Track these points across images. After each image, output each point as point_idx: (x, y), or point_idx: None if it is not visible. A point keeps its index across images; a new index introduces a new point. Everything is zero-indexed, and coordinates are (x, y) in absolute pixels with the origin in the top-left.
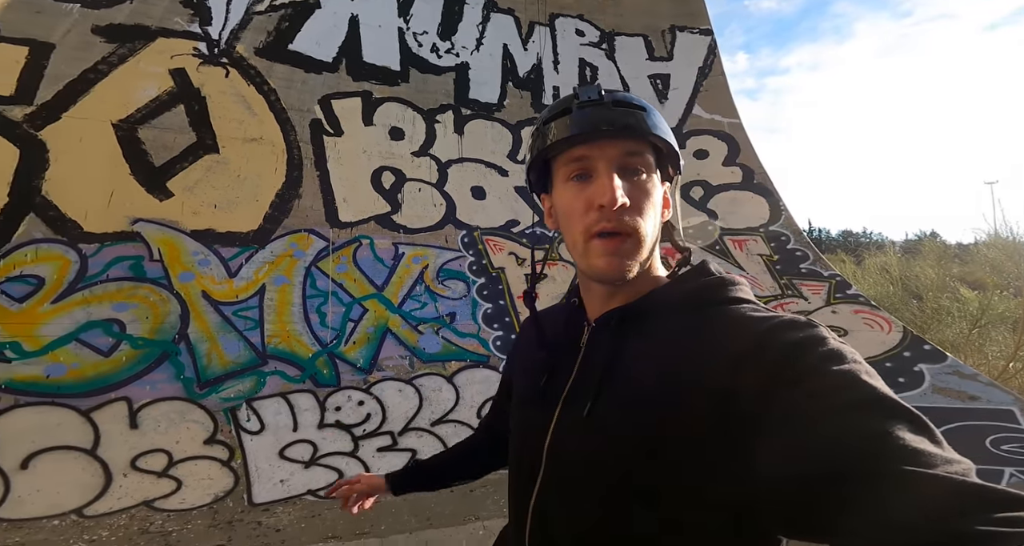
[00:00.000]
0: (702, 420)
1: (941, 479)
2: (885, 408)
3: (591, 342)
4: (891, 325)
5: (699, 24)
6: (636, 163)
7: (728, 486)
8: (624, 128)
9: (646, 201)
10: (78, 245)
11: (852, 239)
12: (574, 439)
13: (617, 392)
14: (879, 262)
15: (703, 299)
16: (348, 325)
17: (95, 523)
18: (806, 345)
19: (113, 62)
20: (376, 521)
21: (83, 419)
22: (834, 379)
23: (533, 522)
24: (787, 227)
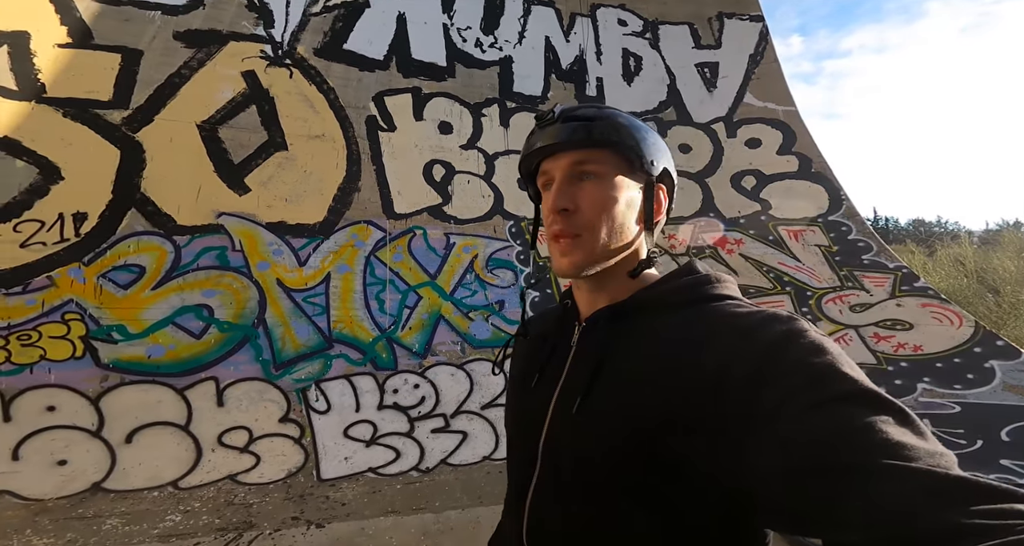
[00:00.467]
0: (689, 416)
1: (924, 472)
2: (869, 400)
3: (581, 341)
4: (962, 319)
5: (748, 10)
6: (590, 169)
7: (716, 482)
8: (567, 140)
9: (596, 203)
10: (172, 237)
11: (924, 229)
12: (565, 437)
13: (605, 390)
14: (952, 253)
15: (688, 297)
16: (404, 311)
17: (188, 495)
18: (786, 340)
19: (193, 66)
20: (431, 497)
21: (178, 397)
22: (814, 373)
23: (530, 519)
24: (848, 217)
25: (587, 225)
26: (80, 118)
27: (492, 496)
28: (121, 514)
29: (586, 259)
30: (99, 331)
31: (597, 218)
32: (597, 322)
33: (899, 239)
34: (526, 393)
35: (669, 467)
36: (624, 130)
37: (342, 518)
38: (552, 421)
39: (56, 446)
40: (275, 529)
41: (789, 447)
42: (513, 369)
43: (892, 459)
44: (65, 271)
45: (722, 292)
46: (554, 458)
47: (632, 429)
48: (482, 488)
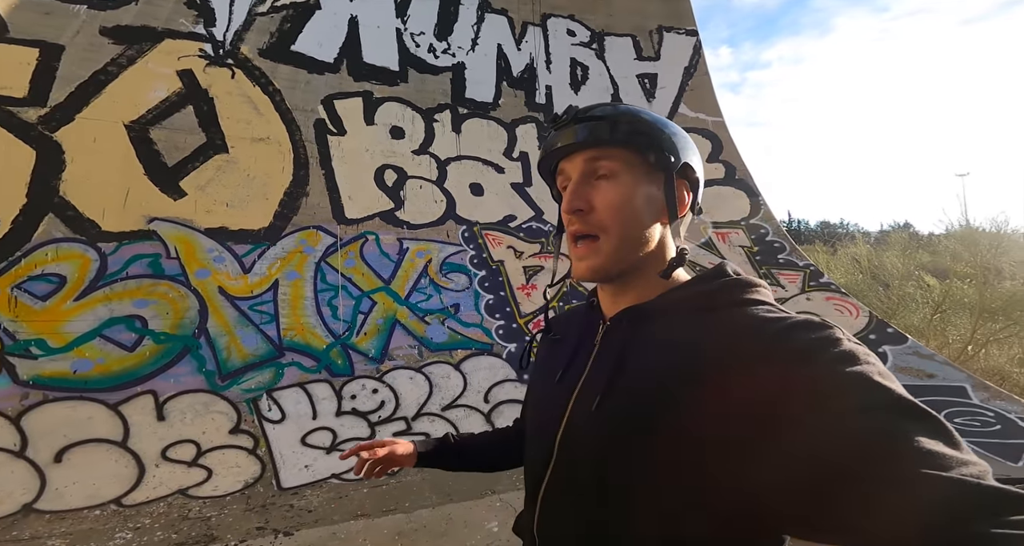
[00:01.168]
0: (711, 419)
1: (956, 481)
2: (901, 409)
3: (605, 340)
4: (859, 310)
5: (685, 24)
6: (604, 168)
7: (735, 486)
8: (581, 140)
9: (612, 203)
10: (97, 244)
11: (829, 230)
12: (582, 433)
13: (626, 389)
14: (850, 253)
15: (718, 300)
16: (359, 317)
17: (136, 512)
18: (820, 345)
19: (122, 63)
20: (401, 498)
21: (112, 413)
22: (848, 380)
23: (541, 511)
24: (766, 220)
25: (602, 225)
26: None
27: (461, 492)
28: (62, 534)
29: (603, 263)
30: (15, 346)
31: (612, 218)
32: (621, 322)
33: (809, 239)
34: (547, 391)
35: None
36: (638, 126)
37: (310, 525)
38: (570, 419)
39: None
40: (240, 540)
41: (818, 454)
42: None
43: (924, 468)
44: None
45: (754, 297)
46: (569, 455)
47: (648, 430)
48: (451, 486)
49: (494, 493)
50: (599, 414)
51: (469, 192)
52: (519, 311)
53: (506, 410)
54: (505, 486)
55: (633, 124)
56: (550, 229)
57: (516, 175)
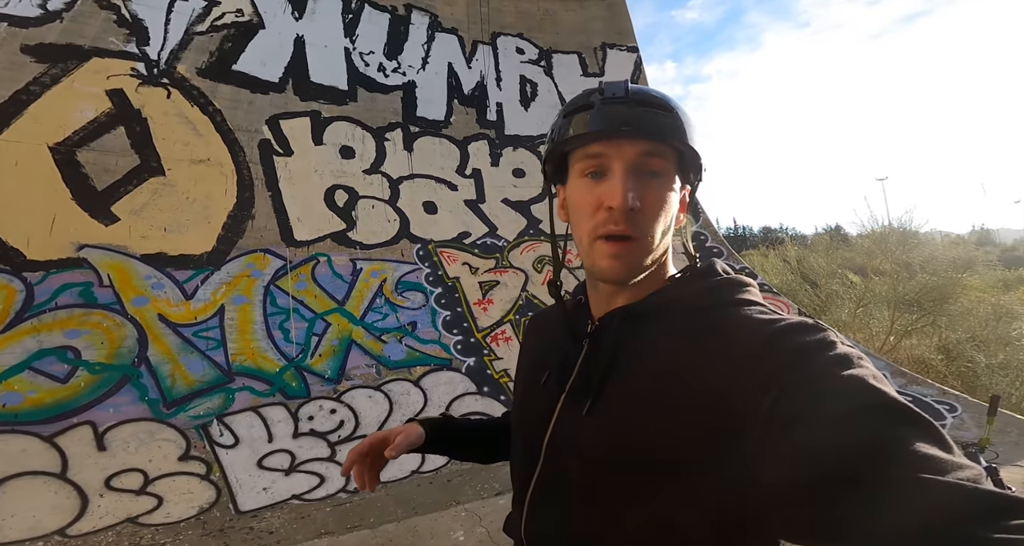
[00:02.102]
0: (704, 423)
1: (952, 485)
2: (895, 413)
3: (594, 340)
4: (788, 308)
5: (626, 41)
6: (653, 165)
7: (726, 490)
8: (645, 130)
9: (658, 205)
10: (22, 273)
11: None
12: (572, 436)
13: (618, 392)
14: (780, 254)
15: (710, 300)
16: (312, 339)
17: (82, 542)
18: (814, 349)
19: (46, 83)
20: (364, 514)
21: (47, 445)
22: (842, 383)
23: (529, 514)
24: (705, 227)
25: (645, 228)
26: None
27: (425, 505)
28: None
29: (641, 266)
30: None
31: (655, 222)
32: (611, 323)
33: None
34: (533, 391)
35: (677, 473)
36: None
37: (272, 545)
38: (558, 421)
39: None
40: None
41: (811, 457)
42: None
43: (920, 472)
44: None
45: (746, 297)
46: (557, 458)
47: (643, 433)
48: (415, 499)
49: (458, 504)
50: (591, 418)
51: (423, 210)
52: (476, 326)
53: None
54: (468, 496)
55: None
56: (504, 244)
57: (469, 192)
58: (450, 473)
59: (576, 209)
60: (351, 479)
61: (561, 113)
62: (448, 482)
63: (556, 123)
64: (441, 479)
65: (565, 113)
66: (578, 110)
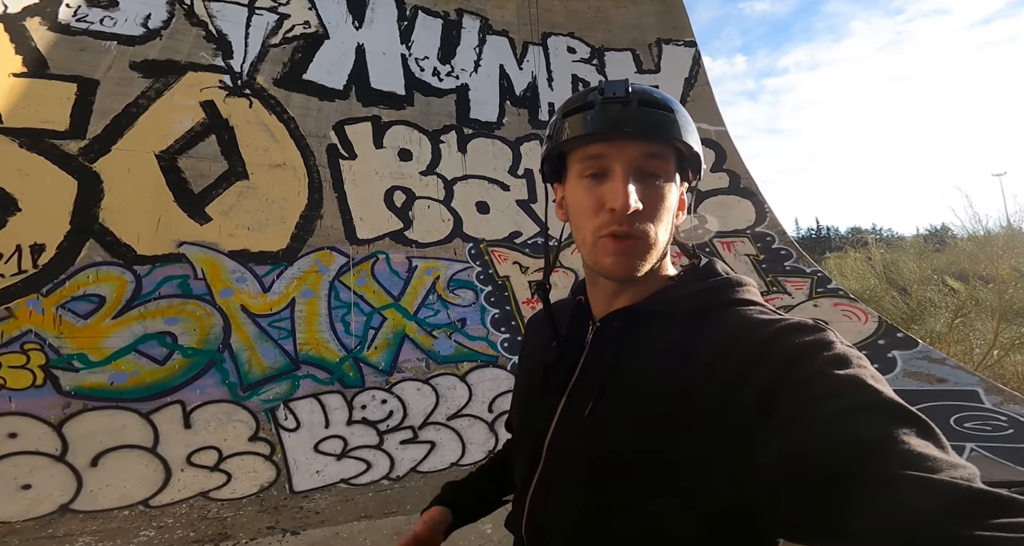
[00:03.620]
0: (704, 423)
1: (945, 484)
2: (891, 412)
3: (595, 341)
4: (867, 315)
5: (683, 36)
6: (654, 166)
7: (727, 489)
8: (646, 131)
9: (660, 206)
10: (132, 267)
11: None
12: (574, 437)
13: (619, 393)
14: (863, 257)
15: (709, 300)
16: (369, 332)
17: (160, 512)
18: (812, 348)
19: (151, 96)
20: (402, 501)
21: (143, 421)
22: (839, 382)
23: (529, 514)
24: (772, 228)
25: (647, 228)
26: (36, 148)
27: None
28: (93, 532)
29: (643, 263)
30: (59, 360)
31: (657, 222)
32: (612, 324)
33: (839, 246)
34: (535, 391)
35: (676, 473)
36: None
37: (316, 525)
38: (560, 421)
39: (19, 471)
40: (251, 538)
41: (807, 455)
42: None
43: (913, 470)
44: (23, 302)
45: (745, 297)
46: (558, 458)
47: (644, 434)
48: None
49: None
50: (592, 419)
51: (475, 210)
52: (524, 324)
53: None
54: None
55: (690, 127)
56: (554, 244)
57: (521, 192)
58: None
59: (577, 209)
60: (394, 466)
61: (559, 112)
62: None
63: (554, 122)
64: None
65: (564, 113)
66: (577, 110)
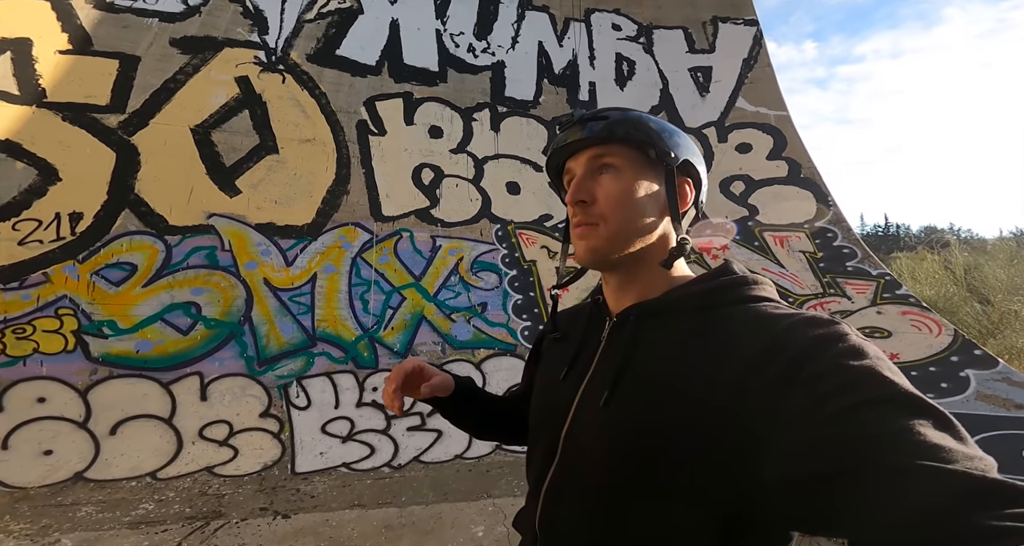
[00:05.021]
0: (718, 417)
1: (961, 474)
2: (907, 403)
3: (611, 336)
4: (941, 328)
5: (743, 14)
6: (603, 163)
7: (740, 484)
8: (583, 139)
9: (613, 193)
10: (164, 237)
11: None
12: (589, 429)
13: (634, 386)
14: (941, 260)
15: (723, 297)
16: (388, 312)
17: (164, 485)
18: (826, 342)
19: (189, 72)
20: (399, 492)
21: (164, 391)
22: (855, 375)
23: (544, 505)
24: (835, 223)
25: (603, 215)
26: (78, 122)
27: (458, 493)
28: (97, 502)
29: (602, 244)
30: (91, 326)
31: (613, 208)
32: (628, 319)
33: (910, 246)
34: (553, 386)
35: (689, 465)
36: (639, 124)
37: (308, 510)
38: (576, 415)
39: (44, 436)
40: (242, 519)
41: (822, 447)
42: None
43: (930, 461)
44: (60, 268)
45: (760, 294)
46: (574, 451)
47: (657, 426)
48: (449, 485)
49: (489, 497)
50: (606, 410)
51: (505, 190)
52: (548, 313)
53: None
54: (502, 491)
55: (634, 123)
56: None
57: None
58: (490, 463)
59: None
60: (397, 453)
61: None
62: (487, 473)
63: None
64: (481, 468)
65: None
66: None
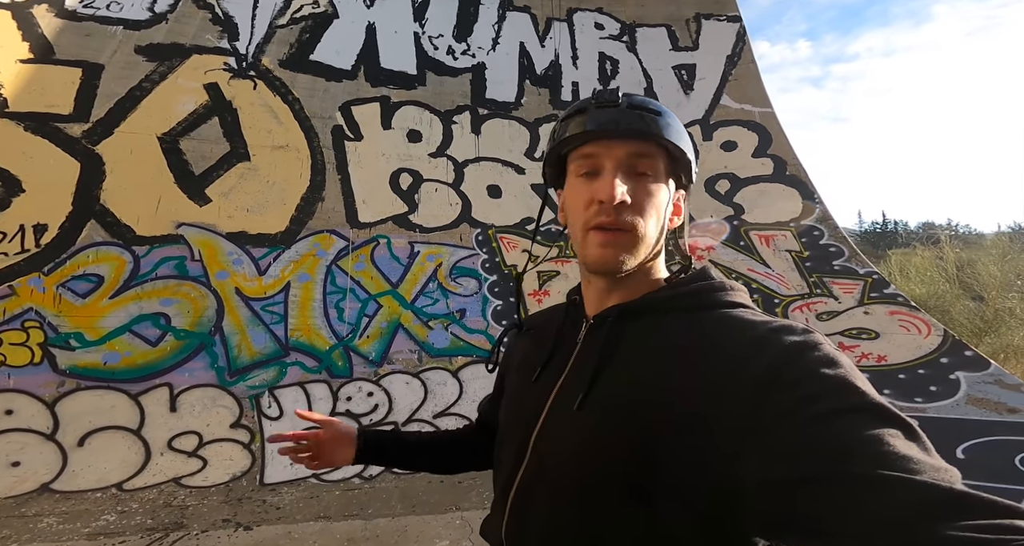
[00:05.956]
0: (692, 422)
1: (927, 485)
2: (877, 414)
3: (587, 339)
4: (930, 328)
5: (726, 11)
6: (643, 166)
7: (712, 488)
8: (633, 130)
9: (648, 202)
10: (132, 247)
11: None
12: (561, 433)
13: (608, 389)
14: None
15: (699, 302)
16: (363, 320)
17: (129, 496)
18: (802, 349)
19: (155, 79)
20: (367, 503)
21: (132, 402)
22: (827, 384)
23: (511, 512)
24: (821, 221)
25: (635, 223)
26: (41, 132)
27: (426, 505)
28: (60, 513)
29: (629, 256)
30: (57, 338)
31: (646, 217)
32: (605, 321)
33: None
34: (525, 387)
35: (663, 469)
36: (682, 134)
37: (272, 521)
38: (548, 417)
39: (11, 448)
40: (203, 530)
41: (792, 454)
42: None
43: (896, 471)
44: (25, 281)
45: (734, 299)
46: (544, 454)
47: (632, 431)
48: (419, 497)
49: (458, 510)
50: (580, 413)
51: (486, 194)
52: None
53: None
54: (472, 504)
55: (679, 130)
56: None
57: (537, 175)
58: (463, 475)
59: (571, 206)
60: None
61: (560, 118)
62: (458, 484)
63: (555, 127)
64: (452, 479)
65: (563, 117)
66: (574, 114)
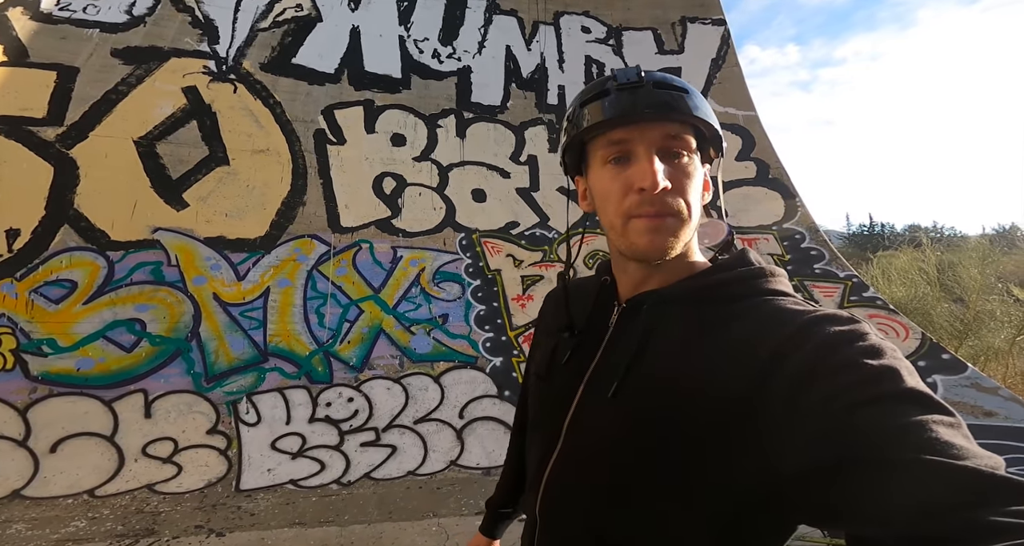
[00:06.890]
0: (733, 410)
1: (970, 470)
2: (921, 402)
3: (620, 323)
4: (908, 331)
5: (711, 14)
6: (677, 146)
7: (752, 477)
8: (665, 111)
9: (687, 184)
10: (106, 252)
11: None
12: (597, 418)
13: (645, 377)
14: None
15: (740, 289)
16: (344, 325)
17: (100, 503)
18: (847, 338)
19: (132, 83)
20: (343, 510)
21: (106, 408)
22: (872, 372)
23: (545, 494)
24: (802, 224)
25: (679, 207)
26: (14, 135)
27: (403, 512)
28: (30, 519)
29: (676, 240)
30: (29, 344)
31: (688, 201)
32: (640, 306)
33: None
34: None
35: (698, 460)
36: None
37: (246, 528)
38: (580, 402)
39: None
40: (174, 537)
41: (833, 440)
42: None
43: (940, 456)
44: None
45: (776, 287)
46: (577, 440)
47: (671, 419)
48: (396, 503)
49: (435, 516)
50: (616, 401)
51: (471, 198)
52: (511, 323)
53: (479, 428)
54: (450, 511)
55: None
56: (555, 236)
57: (522, 179)
58: (442, 480)
59: (603, 195)
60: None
61: (577, 102)
62: (437, 490)
63: (572, 113)
64: (431, 485)
65: (580, 103)
66: (594, 98)
